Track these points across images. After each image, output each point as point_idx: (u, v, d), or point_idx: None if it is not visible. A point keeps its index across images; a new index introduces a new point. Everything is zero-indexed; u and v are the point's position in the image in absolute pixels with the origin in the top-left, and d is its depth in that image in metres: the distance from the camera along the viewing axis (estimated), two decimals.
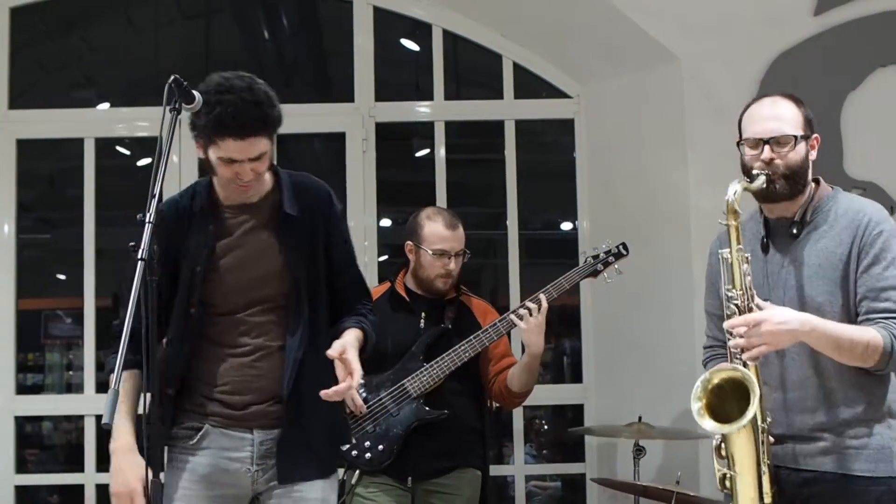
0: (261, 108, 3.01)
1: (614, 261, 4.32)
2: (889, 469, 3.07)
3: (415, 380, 4.12)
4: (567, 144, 5.65)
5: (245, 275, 3.18)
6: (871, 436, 3.07)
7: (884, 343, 2.97)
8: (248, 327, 3.20)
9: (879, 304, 3.03)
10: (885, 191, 5.02)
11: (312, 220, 3.27)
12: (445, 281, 4.25)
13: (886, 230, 3.10)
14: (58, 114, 5.59)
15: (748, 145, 3.20)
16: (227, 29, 6.21)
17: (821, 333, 2.98)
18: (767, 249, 3.23)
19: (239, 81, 3.01)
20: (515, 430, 5.50)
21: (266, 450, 3.17)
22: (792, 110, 3.20)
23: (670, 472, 4.33)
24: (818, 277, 3.11)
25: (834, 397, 3.09)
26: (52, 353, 6.32)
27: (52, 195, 6.20)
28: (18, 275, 5.48)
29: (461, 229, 4.28)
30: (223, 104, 2.96)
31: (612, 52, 5.37)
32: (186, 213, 3.22)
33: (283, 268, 3.20)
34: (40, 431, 6.20)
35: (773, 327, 2.95)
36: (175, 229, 3.18)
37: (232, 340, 3.19)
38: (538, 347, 4.15)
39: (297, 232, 3.23)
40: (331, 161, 5.79)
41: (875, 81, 5.10)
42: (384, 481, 4.11)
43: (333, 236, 3.32)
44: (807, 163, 3.18)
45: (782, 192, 3.15)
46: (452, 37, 5.65)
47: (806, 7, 5.10)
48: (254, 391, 3.18)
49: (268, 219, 3.23)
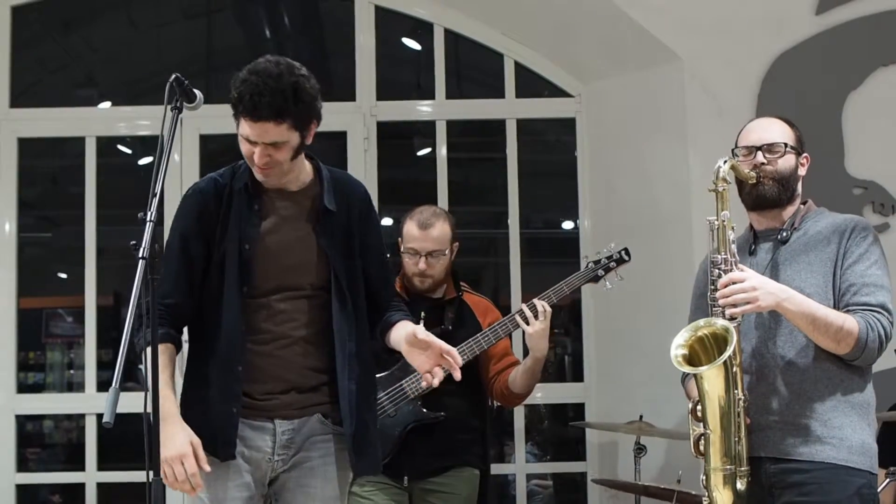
0: (281, 96, 3.01)
1: (616, 266, 4.30)
2: (869, 464, 3.16)
3: (412, 381, 4.11)
4: (568, 143, 5.65)
5: (280, 261, 3.19)
6: (852, 429, 3.15)
7: (859, 330, 3.09)
8: (271, 313, 3.19)
9: (860, 298, 3.15)
10: (887, 190, 5.03)
11: (350, 217, 3.28)
12: (421, 280, 4.22)
13: (871, 237, 3.25)
14: (59, 112, 5.59)
15: (742, 154, 3.33)
16: (228, 28, 6.21)
17: (799, 302, 3.10)
18: (754, 253, 3.34)
19: (273, 67, 3.04)
20: (516, 429, 5.50)
21: (287, 440, 3.18)
22: (784, 128, 3.37)
23: (671, 472, 4.32)
24: (808, 273, 3.22)
25: (815, 389, 3.16)
26: (52, 351, 6.33)
27: (53, 194, 6.20)
28: (19, 273, 5.47)
29: (439, 229, 4.19)
30: (246, 84, 3.01)
31: (614, 52, 5.37)
32: (226, 191, 3.21)
33: (318, 259, 3.21)
34: (41, 430, 6.21)
35: (756, 284, 3.08)
36: (213, 209, 3.19)
37: (254, 325, 3.18)
38: (542, 352, 4.14)
39: (334, 226, 3.24)
40: (332, 160, 5.73)
41: (876, 81, 5.10)
42: (380, 480, 4.09)
43: (370, 237, 3.34)
44: (796, 174, 3.33)
45: (770, 194, 3.29)
46: (454, 36, 5.65)
47: (807, 6, 5.10)
48: (274, 380, 3.18)
49: (307, 210, 3.24)
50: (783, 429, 3.17)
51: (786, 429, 3.17)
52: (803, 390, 3.16)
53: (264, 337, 3.18)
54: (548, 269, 4.34)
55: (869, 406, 3.22)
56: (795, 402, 3.17)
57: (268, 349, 3.18)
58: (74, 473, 5.52)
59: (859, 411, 3.18)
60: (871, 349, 3.11)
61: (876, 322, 3.11)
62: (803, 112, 4.35)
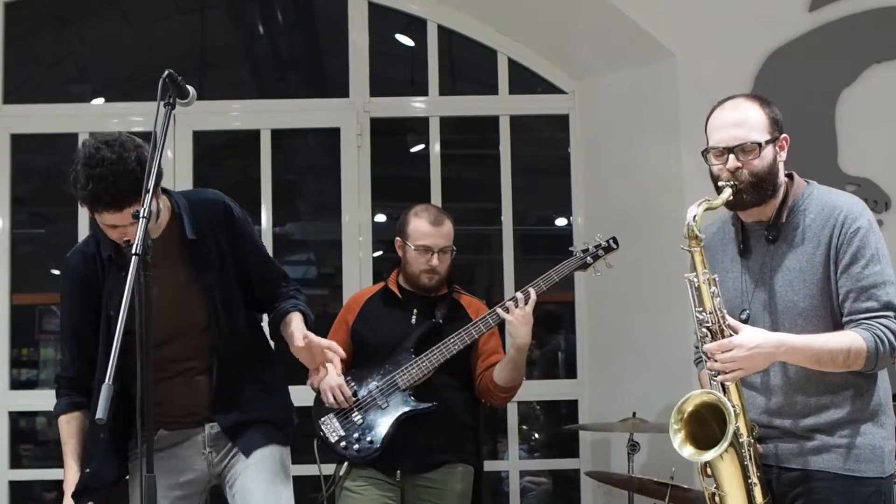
0: (133, 176, 3.00)
1: (604, 254, 4.31)
2: (879, 469, 3.04)
3: (404, 373, 4.12)
4: (562, 140, 5.65)
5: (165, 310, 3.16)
6: (861, 435, 3.03)
7: (867, 346, 2.94)
8: (177, 353, 3.29)
9: (861, 305, 3.00)
10: (880, 186, 5.03)
11: (215, 237, 3.33)
12: (430, 277, 4.25)
13: (863, 226, 3.04)
14: (52, 108, 5.59)
15: (714, 155, 3.13)
16: (222, 24, 6.21)
17: (798, 350, 2.96)
18: (746, 254, 3.19)
19: (109, 152, 3.00)
20: (510, 426, 5.51)
21: (216, 433, 3.35)
22: (756, 113, 3.12)
23: (665, 468, 4.33)
24: (800, 282, 3.07)
25: (822, 397, 3.05)
26: (46, 348, 6.32)
27: (46, 190, 6.19)
28: (12, 270, 5.47)
29: (448, 226, 4.26)
30: (95, 180, 2.99)
31: (607, 48, 5.37)
32: (98, 260, 3.28)
33: (199, 294, 3.30)
34: (34, 427, 6.20)
35: (747, 353, 2.94)
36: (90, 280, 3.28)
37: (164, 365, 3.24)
38: (524, 340, 4.12)
39: (203, 254, 3.30)
40: (325, 156, 5.79)
41: (869, 77, 5.11)
42: (372, 475, 4.10)
43: (239, 244, 3.40)
44: (775, 166, 3.11)
45: (751, 201, 3.09)
46: (447, 32, 5.65)
47: (801, 3, 5.11)
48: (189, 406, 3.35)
49: (174, 250, 3.27)
50: (787, 439, 3.08)
51: (790, 439, 3.07)
52: (807, 399, 3.06)
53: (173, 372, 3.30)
54: (541, 265, 4.32)
55: (880, 405, 3.09)
56: (800, 411, 3.06)
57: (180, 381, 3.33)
58: None
59: (868, 414, 3.05)
60: (883, 358, 2.97)
61: (883, 330, 2.96)
62: (796, 109, 4.35)
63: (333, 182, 5.49)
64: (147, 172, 2.80)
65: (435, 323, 4.22)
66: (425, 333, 4.20)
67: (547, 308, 5.78)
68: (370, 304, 4.34)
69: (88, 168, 3.00)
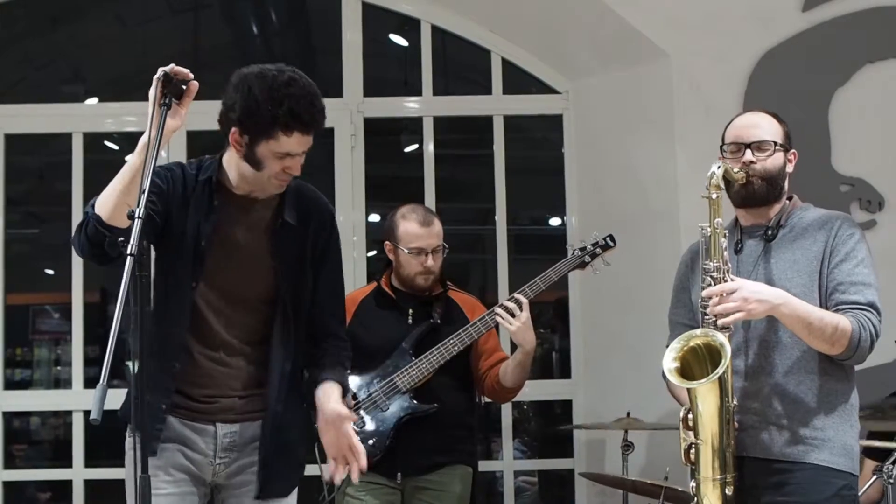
0: (320, 100, 3.02)
1: (601, 252, 4.31)
2: (850, 465, 3.19)
3: (404, 374, 4.12)
4: (556, 140, 5.65)
5: (232, 269, 3.15)
6: (834, 429, 3.17)
7: (852, 330, 3.09)
8: (219, 318, 3.16)
9: (849, 297, 3.16)
10: (873, 186, 5.04)
11: (308, 233, 3.23)
12: (426, 277, 4.24)
13: (857, 235, 3.25)
14: (46, 108, 5.57)
15: (730, 150, 3.32)
16: (215, 24, 6.20)
17: (793, 307, 3.09)
18: (740, 250, 3.34)
19: (294, 74, 3.00)
20: (504, 426, 5.51)
21: (228, 443, 3.16)
22: (773, 123, 3.35)
23: (659, 468, 4.33)
24: (793, 272, 3.22)
25: (799, 390, 3.18)
26: (39, 348, 6.34)
27: (40, 190, 6.20)
28: (6, 270, 5.46)
29: (437, 225, 4.24)
30: (292, 98, 2.95)
31: (601, 48, 5.37)
32: (192, 182, 3.15)
33: (270, 274, 3.18)
34: (28, 427, 6.21)
35: (748, 294, 3.06)
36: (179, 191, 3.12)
37: (202, 331, 3.15)
38: (530, 344, 4.13)
39: (290, 241, 3.20)
40: (319, 156, 5.77)
41: (863, 77, 5.12)
42: (372, 479, 4.07)
43: (328, 258, 3.29)
44: (784, 172, 3.32)
45: (759, 193, 3.28)
46: (441, 32, 5.64)
47: (794, 3, 5.12)
48: (218, 386, 3.17)
49: (267, 221, 3.19)
50: (766, 429, 3.19)
51: (769, 429, 3.18)
52: (787, 391, 3.18)
53: (213, 342, 3.16)
54: (535, 265, 4.33)
55: (853, 408, 3.25)
56: (779, 403, 3.18)
57: (217, 356, 3.16)
58: (61, 470, 5.51)
59: (843, 413, 3.20)
60: (863, 348, 3.12)
61: (867, 321, 3.12)
62: (790, 109, 4.34)
63: (327, 182, 5.48)
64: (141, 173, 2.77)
65: (432, 323, 4.21)
66: (423, 334, 4.20)
67: (542, 307, 5.78)
68: (364, 305, 4.32)
69: (284, 87, 2.94)
